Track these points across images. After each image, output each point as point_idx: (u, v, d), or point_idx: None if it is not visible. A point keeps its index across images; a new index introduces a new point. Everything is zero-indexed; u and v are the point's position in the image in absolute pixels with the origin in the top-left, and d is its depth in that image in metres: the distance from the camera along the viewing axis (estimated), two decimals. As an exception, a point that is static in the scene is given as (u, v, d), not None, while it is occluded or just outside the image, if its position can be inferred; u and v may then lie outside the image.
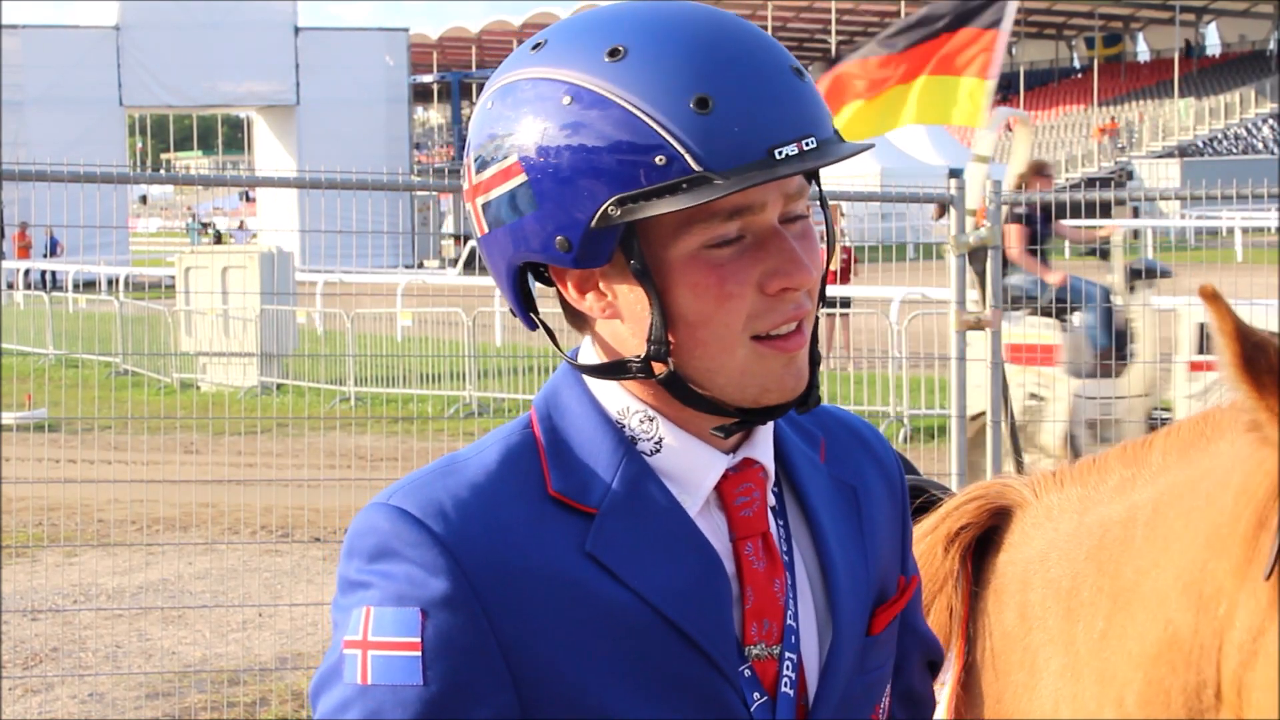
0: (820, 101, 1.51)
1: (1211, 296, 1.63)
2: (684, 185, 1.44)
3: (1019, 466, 7.50)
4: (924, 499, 2.35)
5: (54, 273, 31.40)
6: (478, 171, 1.55)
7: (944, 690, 1.95)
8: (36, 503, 11.33)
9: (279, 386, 17.78)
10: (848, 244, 21.30)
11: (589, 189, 1.47)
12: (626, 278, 1.50)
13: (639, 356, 1.52)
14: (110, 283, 29.11)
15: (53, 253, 36.17)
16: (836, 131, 1.52)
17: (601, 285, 1.53)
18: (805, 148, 1.47)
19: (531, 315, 1.61)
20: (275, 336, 17.61)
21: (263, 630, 8.51)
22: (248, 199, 68.58)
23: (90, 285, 29.99)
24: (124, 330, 20.22)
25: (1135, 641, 1.73)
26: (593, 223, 1.47)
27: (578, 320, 1.58)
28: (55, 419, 14.09)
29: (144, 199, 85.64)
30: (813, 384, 1.56)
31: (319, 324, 21.64)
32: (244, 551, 9.96)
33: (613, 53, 1.48)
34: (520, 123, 1.50)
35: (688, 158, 1.44)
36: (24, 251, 34.39)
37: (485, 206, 1.55)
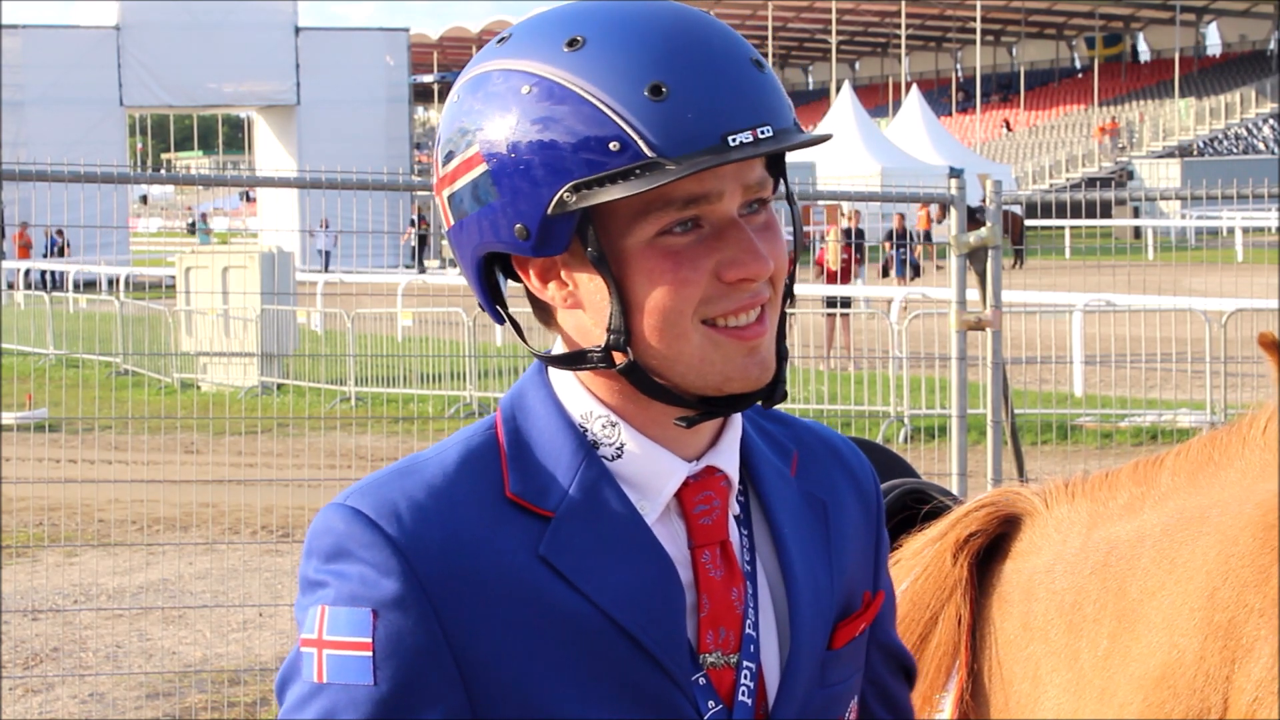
0: (780, 93, 1.52)
1: (1271, 345, 1.65)
2: (637, 171, 1.45)
3: (1020, 467, 7.50)
4: (932, 505, 2.35)
5: (54, 273, 31.38)
6: (444, 163, 1.57)
7: (948, 698, 1.96)
8: (36, 503, 11.33)
9: (279, 386, 17.78)
10: (848, 244, 21.29)
11: (546, 176, 1.48)
12: (586, 266, 1.51)
13: (599, 346, 1.53)
14: (110, 283, 29.11)
15: (59, 253, 36.15)
16: (797, 123, 1.53)
17: (563, 274, 1.54)
18: (760, 135, 1.47)
19: (499, 309, 1.62)
20: (275, 336, 17.61)
21: (263, 630, 8.51)
22: (248, 199, 68.55)
23: (91, 285, 29.99)
24: (124, 330, 20.21)
25: (1138, 663, 1.74)
26: (549, 209, 1.48)
27: (544, 314, 1.59)
28: (55, 419, 14.09)
29: (144, 199, 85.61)
30: (779, 379, 1.55)
31: (318, 324, 21.63)
32: (244, 551, 9.97)
33: (571, 43, 1.49)
34: (483, 113, 1.52)
35: (641, 144, 1.45)
36: (24, 251, 34.38)
37: (451, 198, 1.56)
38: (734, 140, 1.46)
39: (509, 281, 1.62)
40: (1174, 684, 1.70)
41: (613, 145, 1.46)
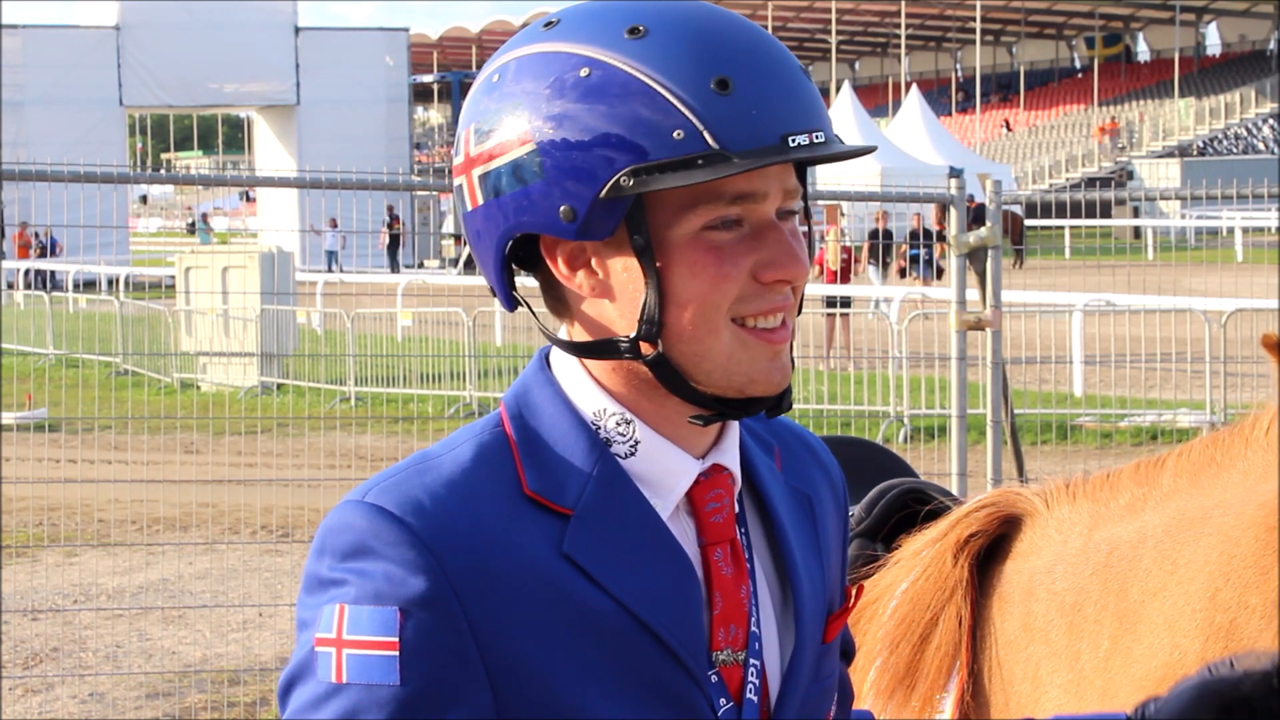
0: (822, 102, 1.55)
1: (1274, 347, 1.65)
2: (699, 161, 1.46)
3: (1019, 467, 7.50)
4: (932, 505, 2.35)
5: (54, 273, 31.39)
6: (478, 142, 1.55)
7: (948, 698, 1.96)
8: (36, 503, 11.33)
9: (279, 386, 17.78)
10: (848, 244, 21.27)
11: (602, 160, 1.47)
12: (623, 255, 1.51)
13: (629, 336, 1.52)
14: (110, 283, 29.11)
15: (51, 252, 36.16)
16: (836, 135, 1.56)
17: (594, 263, 1.53)
18: (815, 140, 1.50)
19: (513, 295, 1.61)
20: (275, 336, 17.61)
21: (263, 630, 8.50)
22: (248, 199, 68.56)
23: (90, 285, 29.98)
24: (124, 330, 20.21)
25: (1140, 664, 1.74)
26: (603, 193, 1.48)
27: (560, 305, 1.58)
28: (55, 419, 14.09)
29: (144, 199, 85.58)
30: (788, 388, 1.56)
31: (318, 324, 21.62)
32: (244, 551, 9.96)
33: (633, 31, 1.50)
34: (533, 93, 1.51)
35: (706, 135, 1.46)
36: (23, 251, 34.35)
37: (484, 177, 1.54)
38: (793, 141, 1.48)
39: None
40: None
41: (676, 134, 1.46)
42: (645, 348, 1.52)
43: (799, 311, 1.57)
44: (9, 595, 9.09)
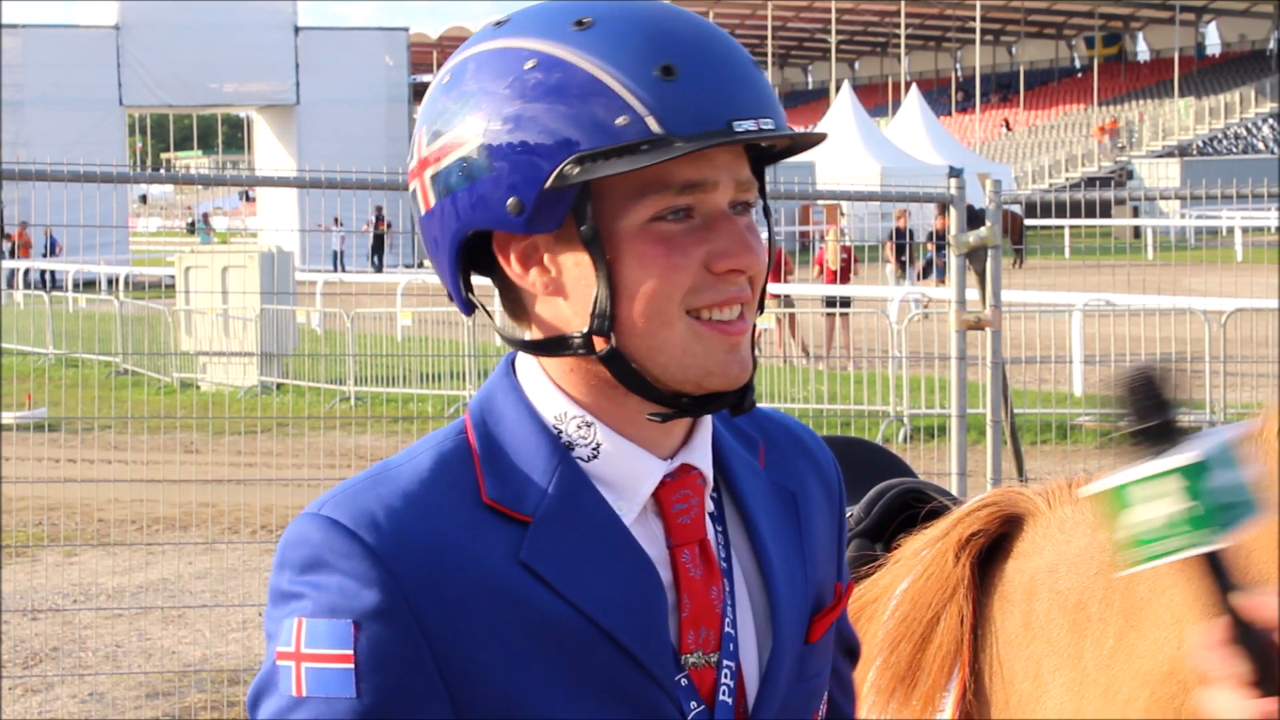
0: (775, 95, 1.54)
1: None
2: (644, 147, 1.45)
3: (1019, 467, 7.50)
4: (932, 505, 2.35)
5: (54, 272, 31.39)
6: (429, 142, 1.55)
7: (949, 697, 1.96)
8: (36, 503, 11.33)
9: (279, 386, 17.78)
10: (847, 243, 21.27)
11: (547, 148, 1.47)
12: (574, 249, 1.50)
13: (581, 332, 1.51)
14: (110, 282, 29.11)
15: (51, 252, 36.16)
16: (791, 127, 1.55)
17: (546, 260, 1.52)
18: (763, 126, 1.49)
19: (469, 298, 1.60)
20: (275, 336, 17.61)
21: (262, 630, 8.50)
22: (248, 199, 68.57)
23: (90, 285, 29.98)
24: (124, 330, 20.21)
25: (1145, 659, 1.74)
26: (549, 182, 1.47)
27: (516, 307, 1.57)
28: (55, 419, 14.09)
29: (144, 199, 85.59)
30: (749, 385, 1.55)
31: (318, 324, 21.62)
32: (244, 551, 9.96)
33: (579, 23, 1.50)
34: (480, 90, 1.51)
35: (650, 120, 1.46)
36: (23, 250, 34.34)
37: (435, 177, 1.54)
38: (740, 127, 1.47)
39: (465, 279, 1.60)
40: (1183, 678, 1.70)
41: (620, 120, 1.46)
42: (598, 343, 1.51)
43: (759, 309, 1.56)
44: (9, 595, 9.09)
